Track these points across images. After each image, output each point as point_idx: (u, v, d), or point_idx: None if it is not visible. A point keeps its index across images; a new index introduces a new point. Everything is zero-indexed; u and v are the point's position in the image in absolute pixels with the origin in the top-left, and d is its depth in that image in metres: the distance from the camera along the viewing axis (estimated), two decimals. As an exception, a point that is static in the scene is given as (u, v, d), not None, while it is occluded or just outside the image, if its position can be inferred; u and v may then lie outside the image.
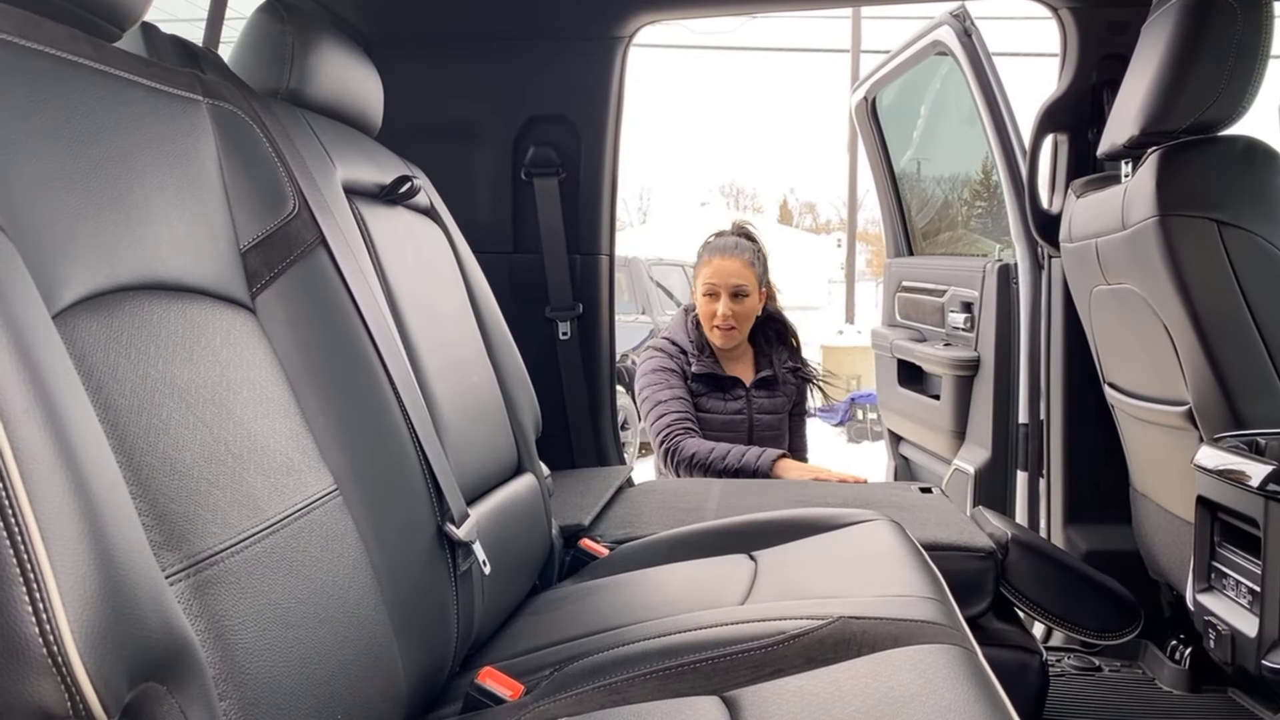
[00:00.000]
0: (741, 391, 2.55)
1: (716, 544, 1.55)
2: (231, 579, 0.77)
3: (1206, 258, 1.51)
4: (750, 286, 2.50)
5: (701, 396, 2.53)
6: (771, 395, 2.59)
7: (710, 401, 2.53)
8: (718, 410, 2.53)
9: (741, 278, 2.49)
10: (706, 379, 2.53)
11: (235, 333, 0.93)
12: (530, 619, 1.40)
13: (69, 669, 0.55)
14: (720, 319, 2.50)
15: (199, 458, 0.79)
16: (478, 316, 1.57)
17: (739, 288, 2.49)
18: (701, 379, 2.53)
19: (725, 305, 2.49)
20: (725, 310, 2.49)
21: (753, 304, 2.53)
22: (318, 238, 1.09)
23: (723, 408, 2.53)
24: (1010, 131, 2.36)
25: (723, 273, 2.50)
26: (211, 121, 1.01)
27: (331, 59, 1.33)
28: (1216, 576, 1.47)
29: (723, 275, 2.50)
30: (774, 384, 2.60)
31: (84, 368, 0.71)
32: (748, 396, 2.55)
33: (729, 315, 2.49)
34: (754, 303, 2.53)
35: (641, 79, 43.51)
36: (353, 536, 0.96)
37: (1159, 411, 1.72)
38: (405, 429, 1.11)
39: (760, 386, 2.58)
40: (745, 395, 2.55)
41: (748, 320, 2.54)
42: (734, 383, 2.55)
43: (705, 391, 2.53)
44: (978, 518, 1.86)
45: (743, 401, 2.55)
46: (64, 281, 0.72)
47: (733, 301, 2.49)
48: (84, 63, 0.83)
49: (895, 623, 1.05)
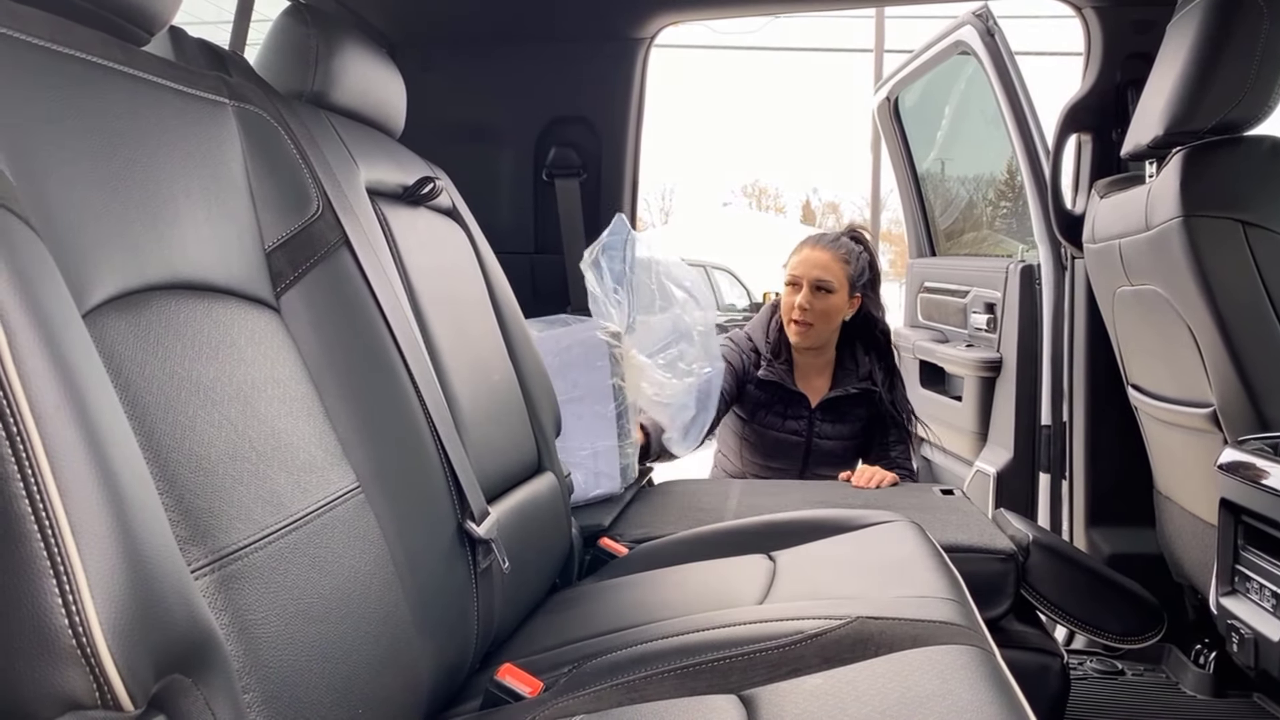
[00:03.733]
0: (804, 411, 2.36)
1: (735, 544, 1.55)
2: (255, 574, 0.78)
3: (1231, 259, 1.50)
4: (836, 283, 2.30)
5: (761, 408, 2.36)
6: (838, 421, 2.38)
7: (769, 416, 2.36)
8: (774, 427, 2.36)
9: (827, 271, 2.30)
10: (771, 387, 2.35)
11: (260, 332, 0.94)
12: (549, 617, 1.40)
13: (97, 660, 0.56)
14: (796, 311, 2.30)
15: (224, 455, 0.80)
16: (499, 316, 1.58)
17: (822, 281, 2.30)
18: (766, 386, 2.35)
19: (804, 297, 2.30)
20: (803, 302, 2.30)
21: (836, 303, 2.31)
22: (341, 238, 1.10)
23: (780, 424, 2.35)
24: (1033, 131, 2.35)
25: (807, 262, 2.33)
26: (237, 124, 1.02)
27: (355, 62, 1.35)
28: (1240, 580, 1.46)
29: (806, 265, 2.32)
30: (845, 407, 2.38)
31: (113, 366, 0.73)
32: (810, 418, 2.36)
33: (806, 309, 2.29)
34: (838, 302, 2.31)
35: (664, 79, 43.53)
36: (375, 533, 0.98)
37: (1183, 413, 1.70)
38: (427, 427, 1.13)
39: (828, 409, 2.37)
40: (808, 416, 2.36)
41: (827, 320, 2.32)
42: (798, 399, 2.36)
43: (766, 402, 2.35)
44: (999, 520, 1.85)
45: (803, 423, 2.36)
46: (93, 281, 0.74)
47: (813, 295, 2.30)
48: (113, 67, 0.85)
49: (914, 623, 1.05)
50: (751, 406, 2.38)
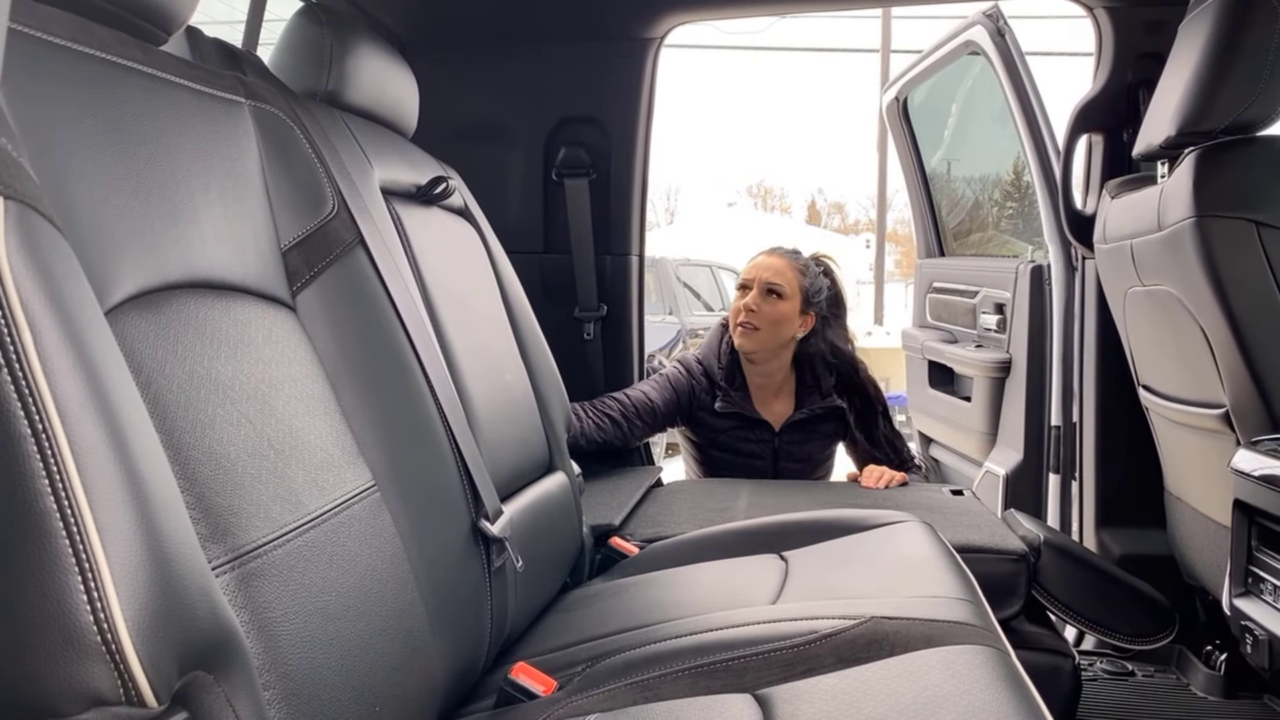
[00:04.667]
0: (767, 435, 2.31)
1: (747, 544, 1.55)
2: (274, 571, 0.78)
3: (1245, 259, 1.50)
4: (788, 290, 2.25)
5: (718, 433, 2.30)
6: (805, 441, 2.33)
7: (728, 439, 2.30)
8: (736, 450, 2.30)
9: (779, 276, 2.26)
10: (731, 416, 2.30)
11: (277, 330, 0.94)
12: (562, 615, 1.41)
13: (122, 656, 0.56)
14: (744, 313, 2.25)
15: (243, 452, 0.80)
16: (510, 316, 1.59)
17: (773, 284, 2.25)
18: (724, 416, 2.30)
19: (753, 298, 2.25)
20: (750, 303, 2.25)
21: (786, 310, 2.26)
22: (356, 237, 1.10)
23: (742, 447, 2.30)
24: (1044, 132, 2.34)
25: (760, 266, 2.30)
26: (254, 123, 1.03)
27: (369, 62, 1.35)
28: (1253, 581, 1.45)
29: (759, 268, 2.29)
30: (811, 426, 2.33)
31: (133, 363, 0.73)
32: (773, 442, 2.32)
33: (754, 310, 2.24)
34: (787, 310, 2.26)
35: (670, 79, 43.49)
36: (390, 531, 0.98)
37: (1195, 414, 1.70)
38: (441, 426, 1.13)
39: (793, 430, 2.33)
40: (771, 440, 2.31)
41: (775, 327, 2.26)
42: (760, 425, 2.31)
43: (725, 428, 2.30)
44: (1009, 520, 1.85)
45: (767, 446, 2.31)
46: (114, 280, 0.74)
47: (762, 298, 2.25)
48: (132, 66, 0.85)
49: (928, 623, 1.05)
50: (707, 433, 2.32)
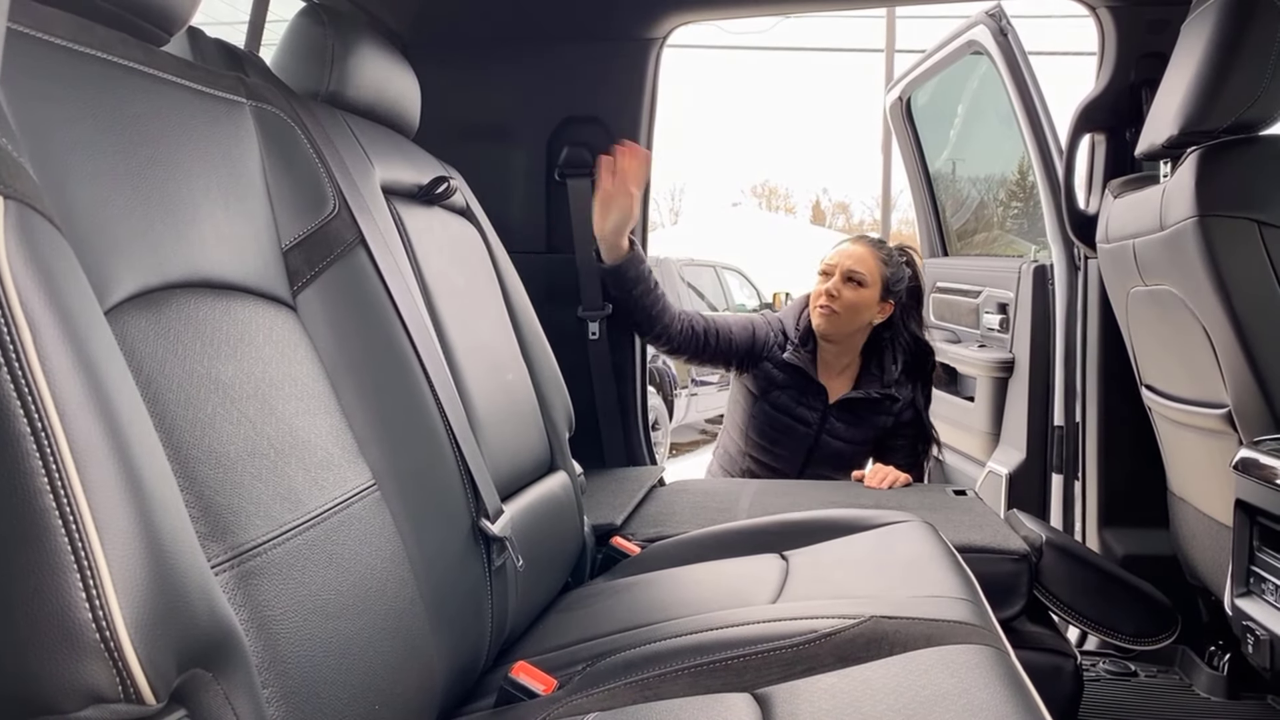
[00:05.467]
0: (819, 404, 2.33)
1: (748, 543, 1.55)
2: (273, 570, 0.78)
3: (1247, 259, 1.49)
4: (869, 278, 2.28)
5: (775, 387, 2.33)
6: (853, 424, 2.34)
7: (782, 397, 2.33)
8: (785, 410, 2.33)
9: (861, 264, 2.29)
10: (791, 370, 2.33)
11: (277, 330, 0.95)
12: (563, 615, 1.41)
13: (120, 654, 0.57)
14: (824, 296, 2.28)
15: (242, 451, 0.81)
16: (512, 316, 1.59)
17: (854, 272, 2.28)
18: (786, 368, 2.33)
19: (834, 284, 2.28)
20: (831, 288, 2.28)
21: (866, 297, 2.28)
22: (357, 237, 1.11)
23: (792, 408, 2.32)
24: (1047, 131, 2.34)
25: (843, 253, 2.33)
26: (255, 123, 1.03)
27: (371, 61, 1.36)
28: (1255, 581, 1.45)
29: (842, 255, 2.32)
30: (862, 411, 2.34)
31: (133, 363, 0.73)
32: (824, 412, 2.34)
33: (834, 295, 2.27)
34: (868, 297, 2.29)
35: (674, 79, 43.45)
36: (390, 531, 0.98)
37: (1197, 414, 1.70)
38: (441, 425, 1.13)
39: (844, 408, 2.34)
40: (822, 410, 2.33)
41: (854, 312, 2.29)
42: (816, 390, 2.33)
43: (783, 383, 2.33)
44: (1012, 520, 1.85)
45: (816, 414, 2.33)
46: (115, 279, 0.74)
47: (843, 283, 2.28)
48: (134, 66, 0.85)
49: (928, 622, 1.05)
50: (765, 383, 2.35)
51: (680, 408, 7.57)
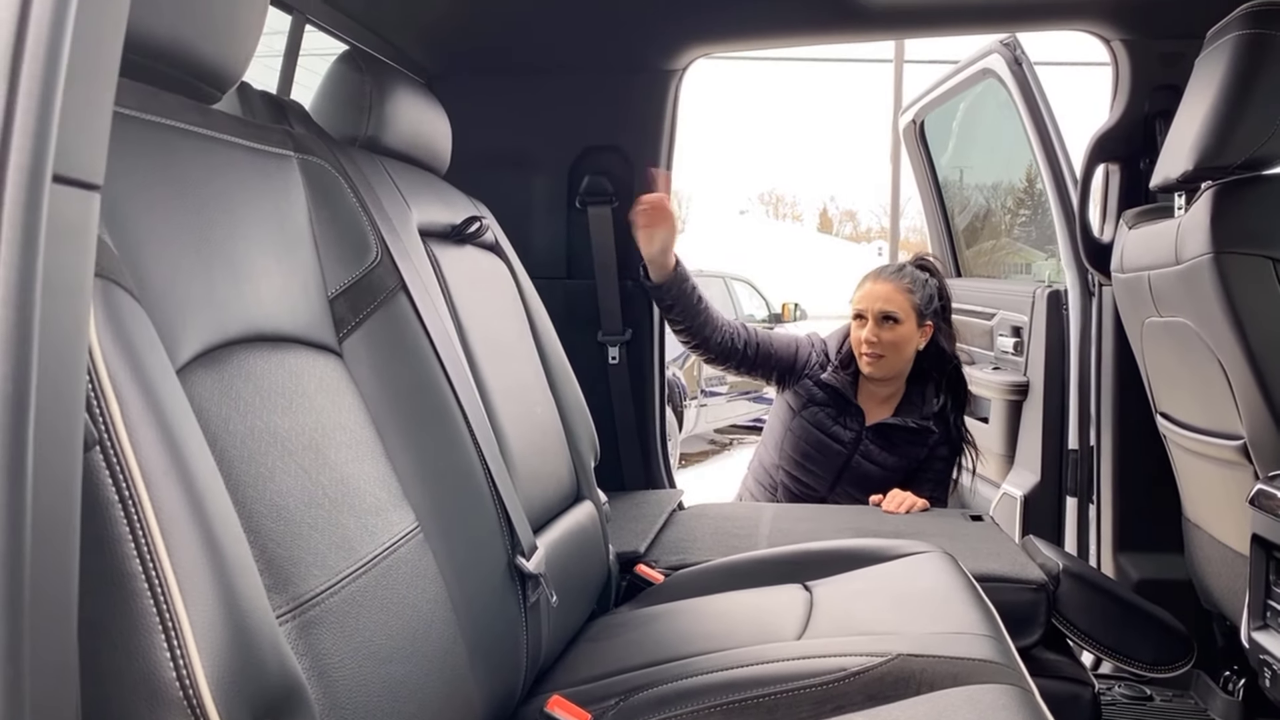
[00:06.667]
0: (856, 425, 2.35)
1: (770, 573, 1.58)
2: (332, 619, 0.82)
3: (1262, 295, 1.52)
4: (902, 314, 2.31)
5: (813, 404, 2.36)
6: (888, 449, 2.35)
7: (820, 414, 2.35)
8: (822, 426, 2.35)
9: (891, 303, 2.31)
10: (831, 390, 2.36)
11: (327, 378, 0.98)
12: (592, 645, 1.44)
13: (202, 710, 0.60)
14: (865, 345, 2.32)
15: (300, 502, 0.84)
16: (539, 348, 1.62)
17: (887, 312, 2.31)
18: (825, 387, 2.37)
19: (871, 330, 2.31)
20: (870, 335, 2.31)
21: (905, 333, 2.32)
22: (399, 283, 1.14)
23: (828, 426, 2.34)
24: (1061, 159, 2.38)
25: (870, 296, 2.35)
26: (302, 175, 1.07)
27: (405, 105, 1.39)
28: (1272, 615, 1.48)
29: (870, 299, 2.34)
30: (898, 439, 2.35)
31: (202, 421, 0.76)
32: (860, 433, 2.35)
33: (875, 341, 2.30)
34: (906, 332, 2.32)
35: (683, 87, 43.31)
36: (433, 572, 1.01)
37: (1213, 445, 1.72)
38: (479, 465, 1.16)
39: (881, 433, 2.35)
40: (858, 431, 2.35)
41: (898, 351, 2.32)
42: (854, 411, 2.36)
43: (822, 401, 2.36)
44: (1028, 547, 1.87)
45: (852, 435, 2.34)
46: (184, 340, 0.78)
47: (880, 327, 2.31)
48: (193, 130, 0.89)
49: (954, 661, 1.08)
50: (805, 399, 2.38)
51: (690, 418, 7.60)
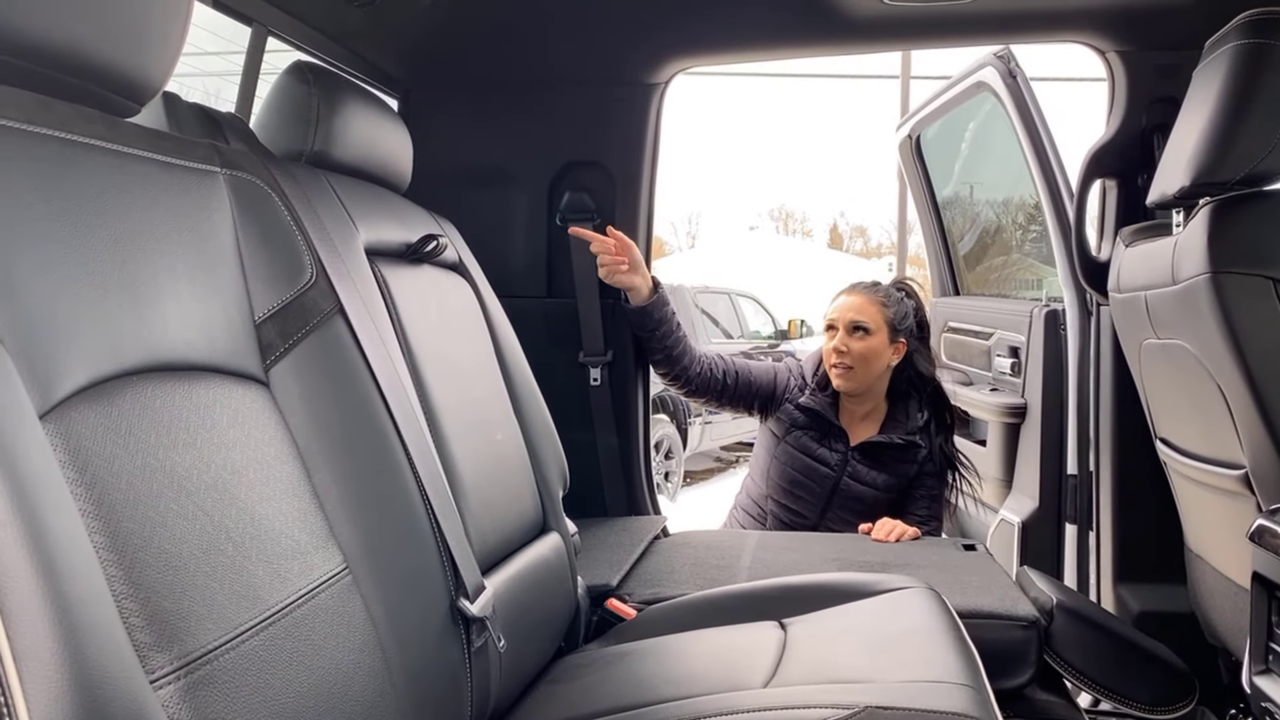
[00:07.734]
0: (841, 447, 2.31)
1: (746, 609, 1.50)
2: (225, 677, 0.74)
3: (1262, 317, 1.44)
4: (873, 325, 2.28)
5: (797, 428, 2.32)
6: (876, 469, 2.31)
7: (804, 438, 2.31)
8: (807, 451, 2.30)
9: (862, 313, 2.29)
10: (811, 414, 2.32)
11: (245, 410, 0.91)
12: (552, 687, 1.36)
13: None
14: (834, 354, 2.29)
15: (196, 549, 0.77)
16: (504, 371, 1.55)
17: (857, 322, 2.28)
18: (806, 410, 2.33)
19: (840, 339, 2.29)
20: (839, 344, 2.28)
21: (875, 345, 2.28)
22: (335, 305, 1.07)
23: (813, 449, 2.31)
24: (1056, 174, 2.31)
25: (842, 306, 2.33)
26: (229, 192, 1.00)
27: (357, 119, 1.33)
28: (1274, 659, 1.39)
29: (841, 309, 2.32)
30: (886, 457, 2.31)
31: (79, 462, 0.70)
32: (846, 455, 2.31)
33: (843, 350, 2.27)
34: (877, 344, 2.28)
35: (689, 104, 43.55)
36: (361, 618, 0.94)
37: (1213, 474, 1.64)
38: (420, 501, 1.09)
39: (866, 453, 2.31)
40: (844, 453, 2.31)
41: (867, 363, 2.28)
42: (837, 433, 2.32)
43: (804, 424, 2.32)
44: (1022, 580, 1.79)
45: (838, 457, 2.31)
46: (63, 372, 0.71)
47: (850, 336, 2.28)
48: (95, 143, 0.82)
49: (925, 715, 1.00)
50: (787, 425, 2.34)
51: (694, 436, 7.54)
